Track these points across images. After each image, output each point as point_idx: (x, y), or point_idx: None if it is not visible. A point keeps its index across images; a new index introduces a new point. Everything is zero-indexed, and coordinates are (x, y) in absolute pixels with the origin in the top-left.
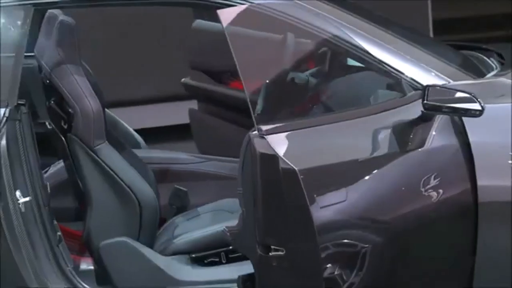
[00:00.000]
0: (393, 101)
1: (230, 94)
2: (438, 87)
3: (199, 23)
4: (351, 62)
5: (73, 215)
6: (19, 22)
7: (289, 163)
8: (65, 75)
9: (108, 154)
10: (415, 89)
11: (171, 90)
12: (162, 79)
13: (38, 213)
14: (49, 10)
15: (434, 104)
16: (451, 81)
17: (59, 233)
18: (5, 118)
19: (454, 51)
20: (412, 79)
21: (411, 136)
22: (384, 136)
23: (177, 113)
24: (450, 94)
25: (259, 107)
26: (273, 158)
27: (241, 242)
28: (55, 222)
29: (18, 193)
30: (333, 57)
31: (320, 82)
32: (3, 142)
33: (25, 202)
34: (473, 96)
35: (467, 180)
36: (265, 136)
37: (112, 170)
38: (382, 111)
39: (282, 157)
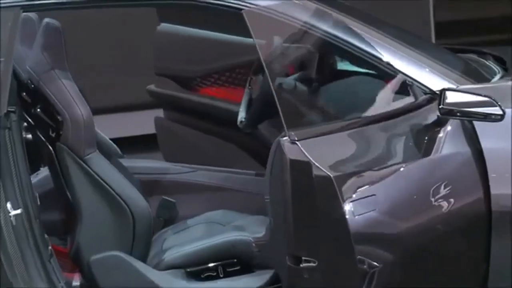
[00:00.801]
0: (406, 106)
1: (200, 101)
2: (455, 91)
3: (165, 26)
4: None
5: (58, 229)
6: (9, 25)
7: (324, 169)
8: (53, 80)
9: (99, 163)
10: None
11: (136, 98)
12: (130, 86)
13: (29, 227)
14: (24, 13)
15: (452, 108)
16: (458, 85)
17: (50, 247)
18: None
19: (454, 55)
20: (419, 82)
21: (424, 143)
22: (398, 142)
23: (142, 123)
24: (467, 98)
25: (242, 115)
26: (306, 164)
27: (269, 254)
28: (46, 236)
29: (9, 205)
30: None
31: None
32: None
33: (16, 215)
34: (493, 99)
35: (479, 188)
36: (296, 142)
37: (103, 180)
38: (397, 115)
39: (316, 163)
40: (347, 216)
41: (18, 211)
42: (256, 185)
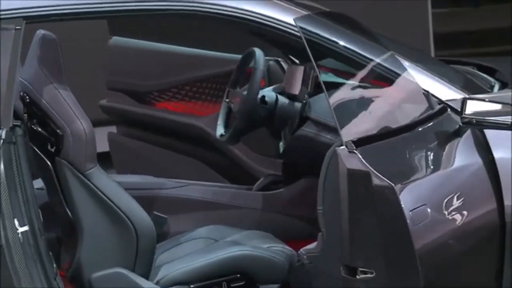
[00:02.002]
0: (424, 116)
1: (157, 116)
2: (477, 100)
3: (116, 40)
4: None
5: (52, 247)
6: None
7: (386, 179)
8: (52, 94)
9: (101, 178)
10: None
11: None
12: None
13: (35, 244)
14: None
15: (475, 118)
16: (466, 95)
17: (54, 265)
18: (1, 141)
19: (449, 67)
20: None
21: (442, 154)
22: (420, 154)
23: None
24: (489, 107)
25: (221, 128)
26: (365, 174)
27: (321, 265)
28: (50, 253)
29: (16, 222)
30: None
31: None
32: (1, 167)
33: (22, 232)
34: None
35: (492, 199)
36: (355, 151)
37: (105, 195)
38: (419, 126)
39: (377, 173)
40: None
41: (26, 228)
42: (246, 200)
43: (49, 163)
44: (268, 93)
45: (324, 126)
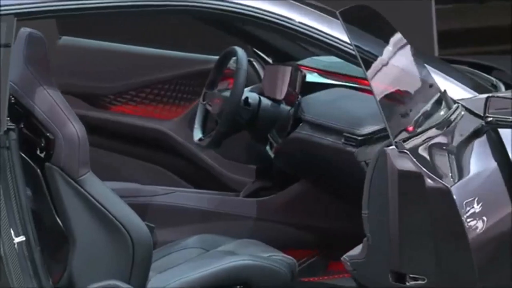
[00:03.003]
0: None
1: (113, 120)
2: (501, 98)
3: (67, 40)
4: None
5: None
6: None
7: (440, 180)
8: (42, 96)
9: (94, 184)
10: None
11: None
12: None
13: (30, 255)
14: None
15: (500, 117)
16: (477, 94)
17: (50, 278)
18: None
19: (451, 67)
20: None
21: (462, 155)
22: (454, 153)
23: None
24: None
25: (199, 132)
26: (417, 175)
27: (366, 272)
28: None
29: (12, 232)
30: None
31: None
32: None
33: (19, 243)
34: None
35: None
36: (406, 151)
37: (99, 202)
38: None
39: (430, 173)
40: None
41: (22, 238)
42: (236, 207)
43: (37, 169)
44: (251, 94)
45: (318, 126)
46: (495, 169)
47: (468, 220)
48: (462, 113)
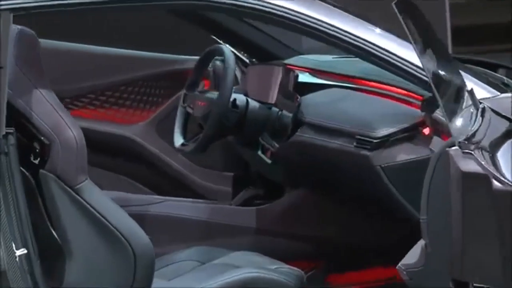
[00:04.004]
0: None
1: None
2: None
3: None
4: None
5: None
6: None
7: (510, 183)
8: (37, 98)
9: (93, 193)
10: None
11: None
12: None
13: (30, 269)
14: None
15: None
16: (498, 93)
17: None
18: None
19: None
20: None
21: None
22: None
23: None
24: None
25: (180, 137)
26: (484, 177)
27: (425, 282)
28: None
29: (13, 244)
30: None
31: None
32: None
33: (20, 256)
34: None
35: None
36: (471, 152)
37: (98, 212)
38: None
39: (499, 176)
40: None
41: (23, 251)
42: (229, 216)
43: (30, 177)
44: (239, 96)
45: (323, 129)
46: None
47: None
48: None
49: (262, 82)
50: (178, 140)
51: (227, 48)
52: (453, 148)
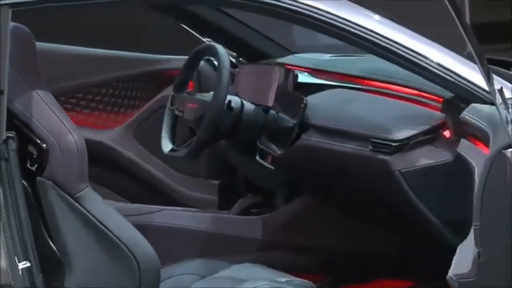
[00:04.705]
0: None
1: None
2: None
3: None
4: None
5: None
6: None
7: None
8: (33, 100)
9: (94, 201)
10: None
11: None
12: None
13: (31, 283)
14: None
15: None
16: None
17: None
18: None
19: None
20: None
21: None
22: None
23: None
24: None
25: (168, 142)
26: None
27: None
28: None
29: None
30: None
31: None
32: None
33: (23, 269)
34: None
35: None
36: None
37: (100, 222)
38: None
39: None
40: None
41: (26, 264)
42: (230, 226)
43: (27, 184)
44: (233, 98)
45: (333, 132)
46: None
47: None
48: None
49: (257, 83)
50: (167, 145)
51: (220, 47)
52: (510, 149)
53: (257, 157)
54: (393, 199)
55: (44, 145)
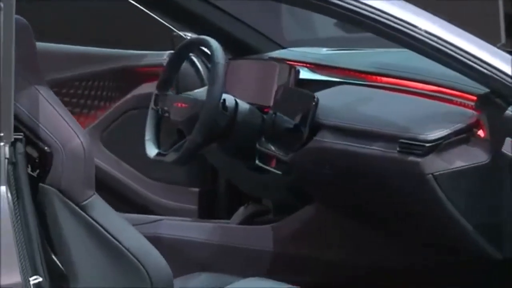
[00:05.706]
0: None
1: None
2: None
3: None
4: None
5: None
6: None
7: None
8: (35, 100)
9: (101, 209)
10: None
11: None
12: None
13: None
14: None
15: None
16: None
17: None
18: (6, 161)
19: None
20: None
21: None
22: None
23: None
24: None
25: (153, 145)
26: None
27: None
28: None
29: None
30: None
31: None
32: (8, 197)
33: (35, 284)
34: None
35: None
36: None
37: (109, 232)
38: None
39: None
40: None
41: (39, 279)
42: (233, 236)
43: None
44: (227, 96)
45: (346, 132)
46: None
47: None
48: None
49: (251, 80)
50: (152, 150)
51: (213, 40)
52: None
53: (257, 161)
54: (423, 205)
55: (47, 148)
